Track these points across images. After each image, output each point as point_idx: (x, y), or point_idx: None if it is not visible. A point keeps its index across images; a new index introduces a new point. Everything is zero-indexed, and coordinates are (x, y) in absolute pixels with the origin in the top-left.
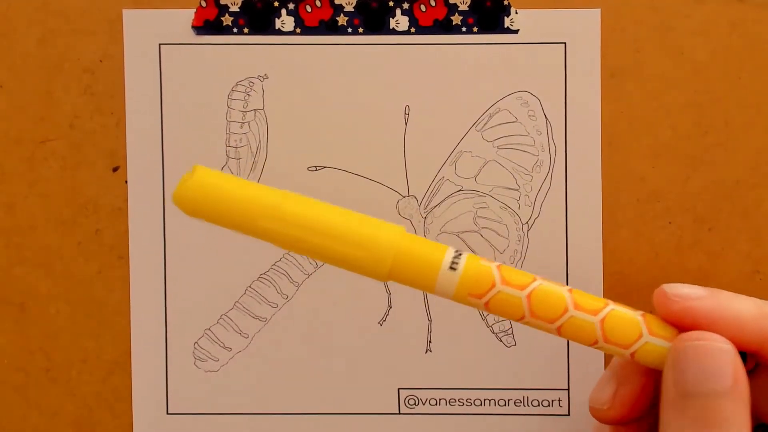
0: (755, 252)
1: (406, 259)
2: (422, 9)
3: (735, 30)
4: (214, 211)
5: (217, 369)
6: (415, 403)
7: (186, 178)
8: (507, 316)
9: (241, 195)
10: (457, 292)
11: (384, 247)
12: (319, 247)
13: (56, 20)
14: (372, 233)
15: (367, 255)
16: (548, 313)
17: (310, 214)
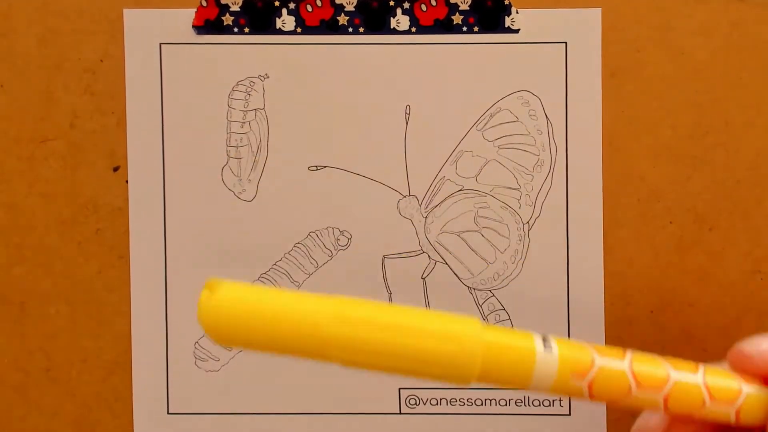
0: (755, 252)
1: (497, 351)
2: (423, 9)
3: (735, 30)
4: (258, 333)
5: (217, 369)
6: (415, 403)
7: (207, 297)
8: (612, 395)
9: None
10: (560, 373)
11: (469, 339)
12: (398, 347)
13: (56, 20)
14: (451, 326)
15: (456, 348)
16: (653, 381)
17: (376, 313)
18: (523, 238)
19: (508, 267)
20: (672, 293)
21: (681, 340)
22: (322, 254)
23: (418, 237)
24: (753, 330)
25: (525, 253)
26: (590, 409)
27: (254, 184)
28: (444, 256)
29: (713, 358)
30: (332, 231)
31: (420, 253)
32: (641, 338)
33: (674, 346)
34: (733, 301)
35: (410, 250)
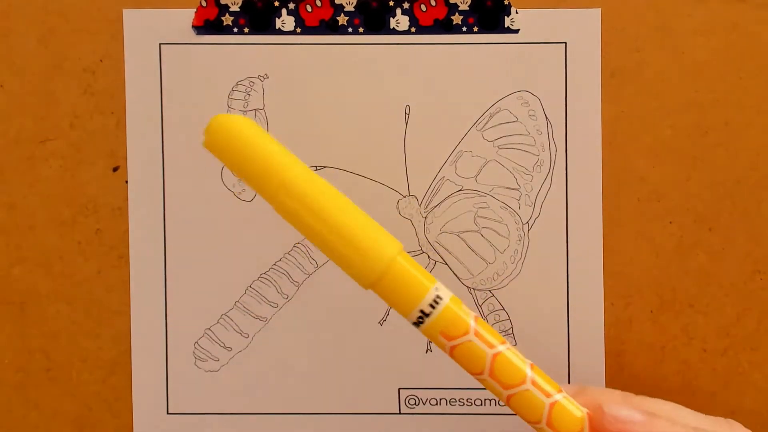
0: (755, 252)
1: (394, 278)
2: (422, 9)
3: (735, 30)
4: (235, 160)
5: (217, 369)
6: (415, 403)
7: (224, 120)
8: (466, 367)
9: (267, 153)
10: (431, 326)
11: (377, 258)
12: (318, 235)
13: (56, 20)
14: (373, 240)
15: (361, 260)
16: (507, 378)
17: (321, 199)
18: (522, 238)
19: (508, 267)
20: (672, 293)
21: (681, 340)
22: (322, 254)
23: (418, 237)
24: (753, 330)
25: (525, 253)
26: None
27: None
28: (444, 256)
29: (713, 358)
30: None
31: (420, 253)
32: (641, 338)
33: (674, 346)
34: (733, 301)
35: (410, 250)
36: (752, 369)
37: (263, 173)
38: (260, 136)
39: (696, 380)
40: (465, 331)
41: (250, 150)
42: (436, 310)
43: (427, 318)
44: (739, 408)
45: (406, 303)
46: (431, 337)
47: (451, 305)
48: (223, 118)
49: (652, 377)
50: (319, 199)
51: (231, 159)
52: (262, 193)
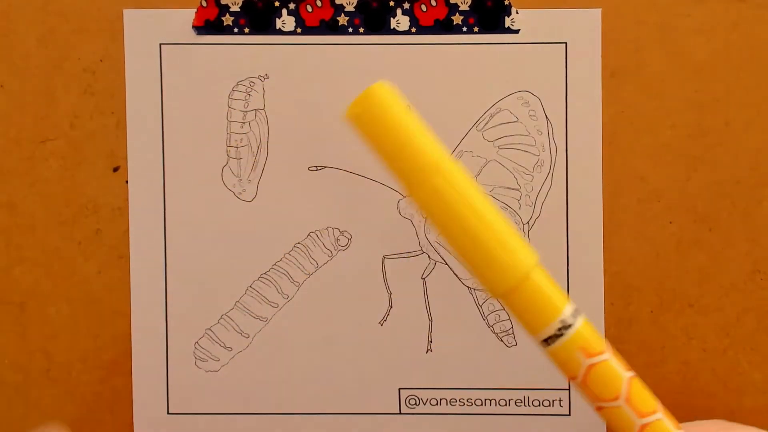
0: (755, 252)
1: (538, 284)
2: (423, 9)
3: (735, 30)
4: (387, 135)
5: (217, 369)
6: (415, 403)
7: (369, 93)
8: (599, 391)
9: (424, 133)
10: (570, 341)
11: (525, 258)
12: (465, 227)
13: (56, 20)
14: (520, 241)
15: (509, 259)
16: (640, 405)
17: (473, 191)
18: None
19: None
20: (672, 293)
21: (681, 340)
22: (322, 254)
23: (418, 237)
24: (753, 330)
25: None
26: (590, 409)
27: (254, 185)
28: (444, 256)
29: (713, 358)
30: (332, 231)
31: (420, 253)
32: (641, 338)
33: (674, 346)
34: (733, 301)
35: (410, 250)
36: (752, 369)
37: (419, 154)
38: (412, 114)
39: (696, 380)
40: (603, 349)
41: (408, 126)
42: (577, 321)
43: (569, 330)
44: (739, 408)
45: (546, 312)
46: (565, 356)
47: (586, 320)
48: (381, 89)
49: (652, 377)
50: (472, 190)
51: (381, 133)
52: (412, 175)
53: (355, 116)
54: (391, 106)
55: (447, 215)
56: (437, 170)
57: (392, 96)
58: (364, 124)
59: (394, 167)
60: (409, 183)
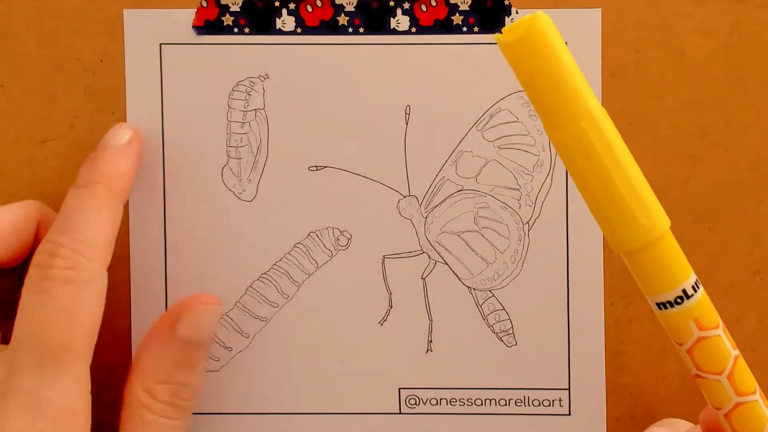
0: (755, 252)
1: (668, 247)
2: (423, 9)
3: (735, 30)
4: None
5: (217, 369)
6: (415, 403)
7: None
8: (703, 364)
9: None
10: (685, 312)
11: (660, 219)
12: (604, 178)
13: (56, 20)
14: (655, 201)
15: (645, 216)
16: (742, 384)
17: (617, 140)
18: (523, 238)
19: (508, 267)
20: None
21: None
22: (322, 254)
23: (418, 237)
24: (753, 330)
25: (525, 254)
26: (590, 409)
27: (254, 184)
28: (444, 256)
29: None
30: (332, 231)
31: (420, 253)
32: (641, 338)
33: (674, 346)
34: (733, 301)
35: (410, 250)
36: (752, 369)
37: (570, 94)
38: (569, 53)
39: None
40: (717, 324)
41: (562, 64)
42: (697, 293)
43: (688, 300)
44: None
45: (669, 278)
46: (676, 323)
47: (706, 295)
48: (546, 19)
49: (652, 377)
50: (618, 141)
51: (535, 68)
52: (558, 116)
53: (509, 44)
54: (549, 41)
55: (589, 163)
56: (587, 114)
57: (551, 30)
58: (516, 53)
59: (540, 104)
60: (554, 124)
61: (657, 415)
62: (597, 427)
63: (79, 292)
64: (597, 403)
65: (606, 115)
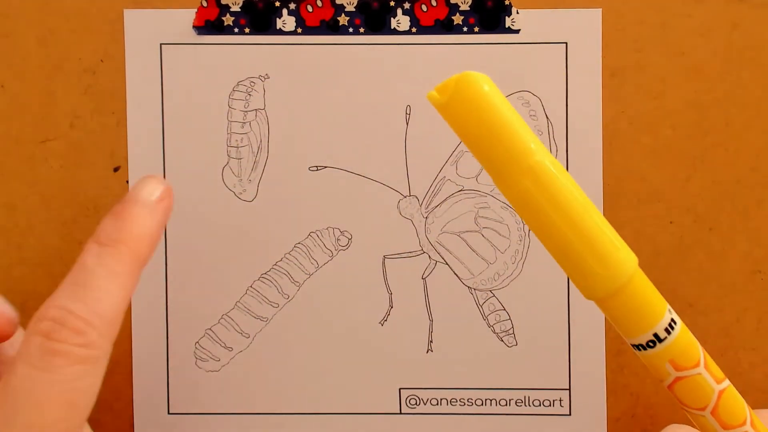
0: (755, 252)
1: (633, 293)
2: (423, 9)
3: (735, 30)
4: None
5: (218, 369)
6: (416, 403)
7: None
8: (686, 400)
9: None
10: (660, 354)
11: (620, 267)
12: (555, 233)
13: (56, 20)
14: (615, 248)
15: (601, 268)
16: (726, 418)
17: (567, 193)
18: (523, 239)
19: (509, 267)
20: (672, 293)
21: None
22: (322, 254)
23: (419, 237)
24: (753, 330)
25: (525, 254)
26: (590, 409)
27: (254, 184)
28: (444, 256)
29: (713, 358)
30: (332, 231)
31: (420, 253)
32: None
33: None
34: (733, 301)
35: (410, 250)
36: (752, 369)
37: (509, 151)
38: (509, 106)
39: None
40: (696, 363)
41: (498, 121)
42: (671, 336)
43: (660, 343)
44: None
45: (639, 323)
46: (653, 363)
47: (685, 332)
48: (474, 77)
49: (652, 377)
50: (566, 193)
51: (470, 127)
52: (500, 173)
53: (441, 103)
54: (480, 98)
55: (538, 219)
56: (528, 171)
57: (480, 88)
58: (451, 113)
59: (483, 161)
60: (499, 180)
61: (657, 415)
62: (597, 427)
63: (89, 374)
64: (597, 403)
65: (552, 166)
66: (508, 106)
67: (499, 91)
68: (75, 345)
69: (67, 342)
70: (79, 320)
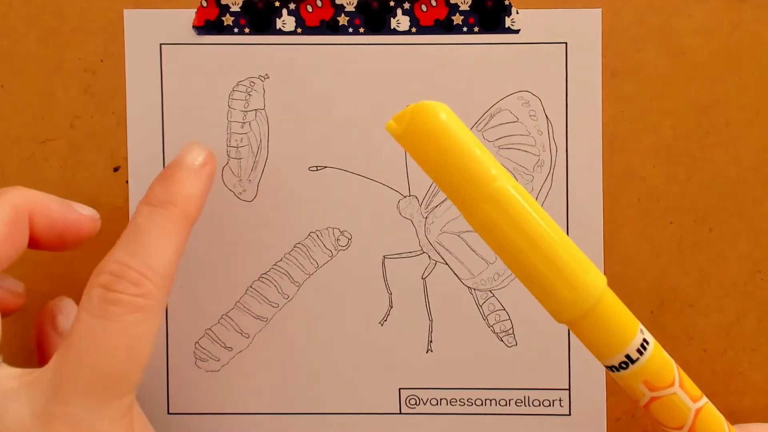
0: (755, 252)
1: (602, 316)
2: (423, 9)
3: (735, 30)
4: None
5: (218, 369)
6: (416, 403)
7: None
8: (662, 419)
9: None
10: (633, 375)
11: (587, 290)
12: (519, 256)
13: (56, 20)
14: (583, 270)
15: (567, 291)
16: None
17: (529, 217)
18: None
19: None
20: (672, 293)
21: (681, 340)
22: (322, 254)
23: (418, 237)
24: (753, 330)
25: None
26: (590, 409)
27: (254, 185)
28: (444, 256)
29: (713, 358)
30: (332, 231)
31: (420, 253)
32: None
33: (674, 346)
34: (733, 301)
35: (410, 250)
36: (752, 369)
37: (469, 179)
38: (468, 133)
39: (696, 380)
40: (670, 383)
41: (456, 149)
42: (643, 357)
43: (633, 364)
44: (739, 408)
45: (609, 345)
46: (627, 384)
47: (658, 351)
48: (430, 106)
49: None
50: (529, 217)
51: (428, 156)
52: (462, 201)
53: (398, 134)
54: (436, 128)
55: (501, 245)
56: (489, 198)
57: (439, 116)
58: (408, 142)
59: (445, 190)
60: (462, 209)
61: None
62: (597, 427)
63: (146, 321)
64: (597, 403)
65: (514, 190)
66: (467, 134)
67: (457, 119)
68: (132, 295)
69: (125, 292)
70: (134, 273)
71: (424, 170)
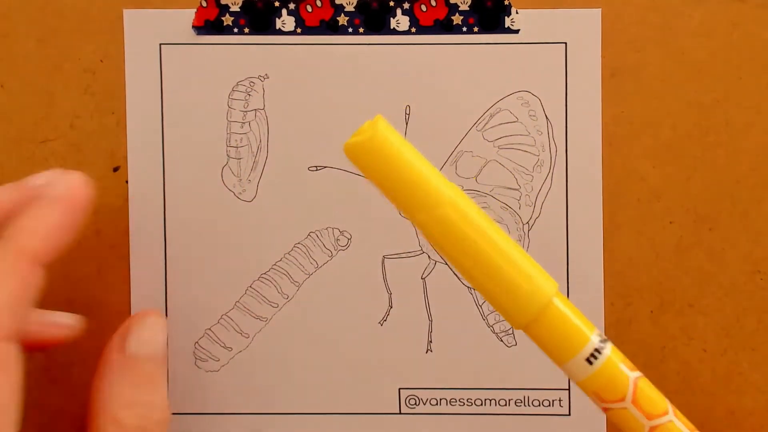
0: (756, 252)
1: (552, 320)
2: (423, 9)
3: (735, 30)
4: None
5: (217, 369)
6: (415, 403)
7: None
8: (621, 427)
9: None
10: (584, 384)
11: (539, 291)
12: (478, 259)
13: (56, 20)
14: (537, 271)
15: (516, 297)
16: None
17: (484, 221)
18: (523, 239)
19: None
20: (672, 293)
21: (681, 340)
22: (322, 254)
23: (418, 237)
24: (753, 330)
25: None
26: (590, 409)
27: (254, 185)
28: None
29: (713, 358)
30: (332, 231)
31: (420, 253)
32: (641, 338)
33: (674, 346)
34: (733, 301)
35: (410, 250)
36: (752, 369)
37: (421, 187)
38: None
39: (696, 380)
40: (621, 397)
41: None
42: (593, 366)
43: (583, 374)
44: (739, 408)
45: (558, 352)
46: (584, 391)
47: (612, 359)
48: (377, 125)
49: (652, 377)
50: (469, 230)
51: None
52: (413, 210)
53: (353, 152)
54: (388, 142)
55: (448, 256)
56: (441, 202)
57: (388, 131)
58: (362, 159)
59: (396, 201)
60: (414, 217)
61: None
62: (597, 427)
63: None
64: None
65: (461, 199)
66: (410, 147)
67: (397, 134)
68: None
69: None
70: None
71: (377, 185)
